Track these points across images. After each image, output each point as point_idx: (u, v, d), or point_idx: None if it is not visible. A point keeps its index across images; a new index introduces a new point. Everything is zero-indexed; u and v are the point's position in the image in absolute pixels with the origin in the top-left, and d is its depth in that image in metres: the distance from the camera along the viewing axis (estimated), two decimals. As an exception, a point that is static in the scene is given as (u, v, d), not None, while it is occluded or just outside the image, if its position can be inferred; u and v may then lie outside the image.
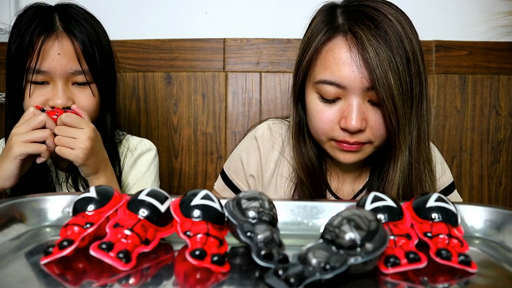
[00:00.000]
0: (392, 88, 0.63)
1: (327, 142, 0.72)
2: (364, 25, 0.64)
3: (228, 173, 0.86)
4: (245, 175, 0.84)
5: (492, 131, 1.34)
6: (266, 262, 0.33)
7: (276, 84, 1.36)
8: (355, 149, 0.69)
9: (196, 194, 0.39)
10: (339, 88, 0.67)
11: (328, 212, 0.47)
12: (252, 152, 0.83)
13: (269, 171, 0.82)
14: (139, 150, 1.01)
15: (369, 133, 0.68)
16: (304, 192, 0.77)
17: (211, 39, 1.36)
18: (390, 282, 0.33)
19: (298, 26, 1.34)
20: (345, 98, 0.67)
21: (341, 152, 0.71)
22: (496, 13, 1.29)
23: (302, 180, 0.77)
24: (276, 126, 0.84)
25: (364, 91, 0.66)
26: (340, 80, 0.66)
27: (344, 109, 0.67)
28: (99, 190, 0.41)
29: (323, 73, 0.68)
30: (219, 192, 0.86)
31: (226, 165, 0.88)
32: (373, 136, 0.69)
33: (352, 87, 0.66)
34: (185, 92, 1.37)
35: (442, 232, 0.38)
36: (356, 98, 0.66)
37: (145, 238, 0.36)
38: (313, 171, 0.77)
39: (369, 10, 0.66)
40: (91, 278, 0.32)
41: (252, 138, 0.85)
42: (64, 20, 0.83)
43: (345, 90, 0.67)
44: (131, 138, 1.03)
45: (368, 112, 0.67)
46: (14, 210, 0.44)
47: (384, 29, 0.64)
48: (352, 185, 0.82)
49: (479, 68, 1.32)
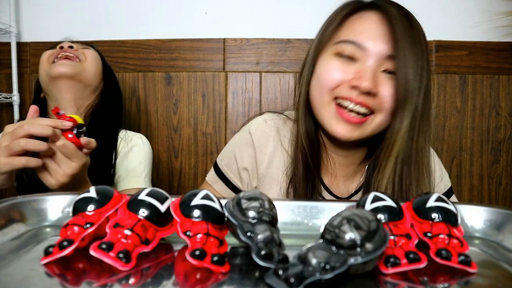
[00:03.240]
0: (408, 60, 0.65)
1: (328, 105, 0.70)
2: (392, 7, 0.68)
3: (220, 165, 0.85)
4: (238, 169, 0.83)
5: (492, 131, 1.34)
6: (266, 262, 0.33)
7: (276, 84, 1.36)
8: (355, 122, 0.68)
9: (196, 194, 0.39)
10: (360, 49, 0.68)
11: (328, 212, 0.47)
12: (246, 146, 0.82)
13: (264, 163, 0.81)
14: (134, 141, 1.05)
15: (378, 101, 0.67)
16: (299, 183, 0.75)
17: (211, 39, 1.36)
18: (390, 282, 0.33)
19: (298, 26, 1.35)
20: (363, 61, 0.68)
21: (339, 122, 0.69)
22: (496, 13, 1.29)
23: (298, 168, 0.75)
24: (272, 119, 0.84)
25: (382, 59, 0.67)
26: (363, 41, 0.67)
27: (359, 70, 0.67)
28: (99, 190, 0.41)
29: (347, 34, 0.69)
30: (211, 184, 0.85)
31: (219, 157, 0.87)
32: (380, 106, 0.67)
33: (372, 51, 0.67)
34: (185, 92, 1.37)
35: (442, 232, 0.38)
36: (373, 63, 0.67)
37: (145, 238, 0.36)
38: (313, 144, 0.76)
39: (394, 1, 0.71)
40: (91, 278, 0.32)
41: (246, 132, 0.84)
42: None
43: (364, 53, 0.67)
44: (129, 132, 1.08)
45: (381, 81, 0.67)
46: (14, 210, 0.44)
47: (409, 16, 0.69)
48: (347, 184, 0.81)
49: (479, 68, 1.32)
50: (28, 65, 1.42)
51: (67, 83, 0.99)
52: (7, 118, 1.43)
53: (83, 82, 1.01)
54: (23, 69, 1.41)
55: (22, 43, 1.41)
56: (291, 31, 1.34)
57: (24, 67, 1.42)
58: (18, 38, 1.40)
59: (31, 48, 1.42)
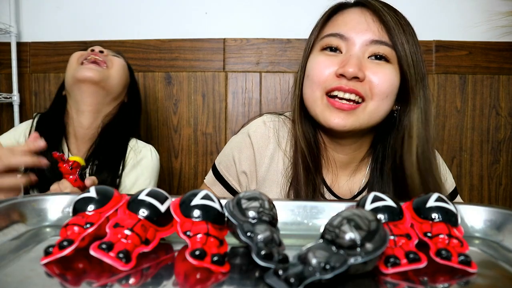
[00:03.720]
0: (405, 48, 0.68)
1: (320, 99, 0.71)
2: (376, 3, 0.71)
3: (219, 168, 0.85)
4: (236, 172, 0.83)
5: (492, 131, 1.34)
6: (266, 262, 0.33)
7: (276, 84, 1.36)
8: (347, 109, 0.68)
9: (196, 194, 0.39)
10: (342, 39, 0.70)
11: (328, 212, 0.47)
12: (245, 148, 0.82)
13: (264, 166, 0.80)
14: (143, 153, 1.06)
15: (367, 86, 0.68)
16: (300, 185, 0.75)
17: (211, 39, 1.36)
18: (390, 282, 0.33)
19: (298, 26, 1.35)
20: (347, 50, 0.70)
21: (332, 112, 0.69)
22: (496, 13, 1.29)
23: (298, 169, 0.76)
24: (271, 121, 0.83)
25: (366, 45, 0.69)
26: (344, 31, 0.70)
27: (343, 60, 0.69)
28: (99, 190, 0.41)
29: (330, 29, 0.72)
30: (209, 186, 0.85)
31: (217, 160, 0.87)
32: (370, 91, 0.68)
33: (356, 39, 0.69)
34: (185, 92, 1.37)
35: (442, 232, 0.38)
36: (356, 50, 0.69)
37: (145, 238, 0.36)
38: (311, 147, 0.77)
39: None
40: (91, 278, 0.32)
41: (245, 134, 0.83)
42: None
43: (348, 42, 0.70)
44: (139, 142, 1.09)
45: (368, 66, 0.69)
46: (14, 210, 0.44)
47: (394, 10, 0.71)
48: (349, 183, 0.81)
49: (479, 68, 1.32)
50: (28, 65, 1.42)
51: (91, 88, 1.00)
52: (7, 118, 1.43)
53: (106, 89, 1.02)
54: (23, 69, 1.41)
55: (22, 43, 1.41)
56: (291, 31, 1.34)
57: (24, 67, 1.42)
58: (18, 38, 1.40)
59: (31, 48, 1.42)
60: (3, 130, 1.42)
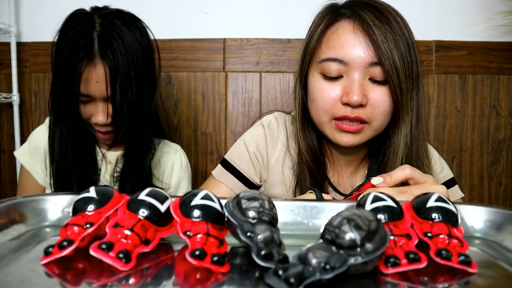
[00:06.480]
0: (396, 63, 0.68)
1: (328, 123, 0.74)
2: (368, 10, 0.69)
3: (230, 159, 0.86)
4: (249, 157, 0.84)
5: (492, 131, 1.34)
6: (266, 262, 0.33)
7: (276, 84, 1.35)
8: (354, 130, 0.71)
9: (196, 194, 0.39)
10: (342, 64, 0.70)
11: (328, 212, 0.47)
12: (258, 136, 0.85)
13: (274, 157, 0.84)
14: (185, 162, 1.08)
15: (369, 110, 0.70)
16: (306, 182, 0.78)
17: (211, 39, 1.36)
18: (390, 282, 0.33)
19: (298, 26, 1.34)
20: (347, 75, 0.71)
21: (341, 133, 0.73)
22: (496, 12, 1.29)
23: (303, 169, 0.78)
24: (282, 118, 0.87)
25: (366, 68, 0.69)
26: (342, 56, 0.70)
27: (346, 86, 0.70)
28: (99, 190, 0.41)
29: (327, 52, 0.72)
30: (217, 178, 0.85)
31: (228, 153, 0.88)
32: (372, 114, 0.71)
33: (354, 63, 0.69)
34: (185, 92, 1.37)
35: (442, 232, 0.38)
36: (357, 75, 0.70)
37: (145, 238, 0.36)
38: (316, 155, 0.79)
39: (371, 1, 0.72)
40: (91, 278, 0.32)
41: (259, 124, 0.87)
42: (102, 43, 0.85)
43: (347, 67, 0.70)
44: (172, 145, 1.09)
45: (369, 89, 0.70)
46: (14, 210, 0.44)
47: (386, 16, 0.69)
48: (351, 179, 0.83)
49: (479, 68, 1.32)
50: (28, 65, 1.42)
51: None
52: (6, 118, 1.43)
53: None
54: (23, 69, 1.41)
55: (22, 43, 1.41)
56: (291, 31, 1.34)
57: (24, 67, 1.41)
58: (18, 38, 1.40)
59: (31, 48, 1.41)
60: (3, 130, 1.42)
